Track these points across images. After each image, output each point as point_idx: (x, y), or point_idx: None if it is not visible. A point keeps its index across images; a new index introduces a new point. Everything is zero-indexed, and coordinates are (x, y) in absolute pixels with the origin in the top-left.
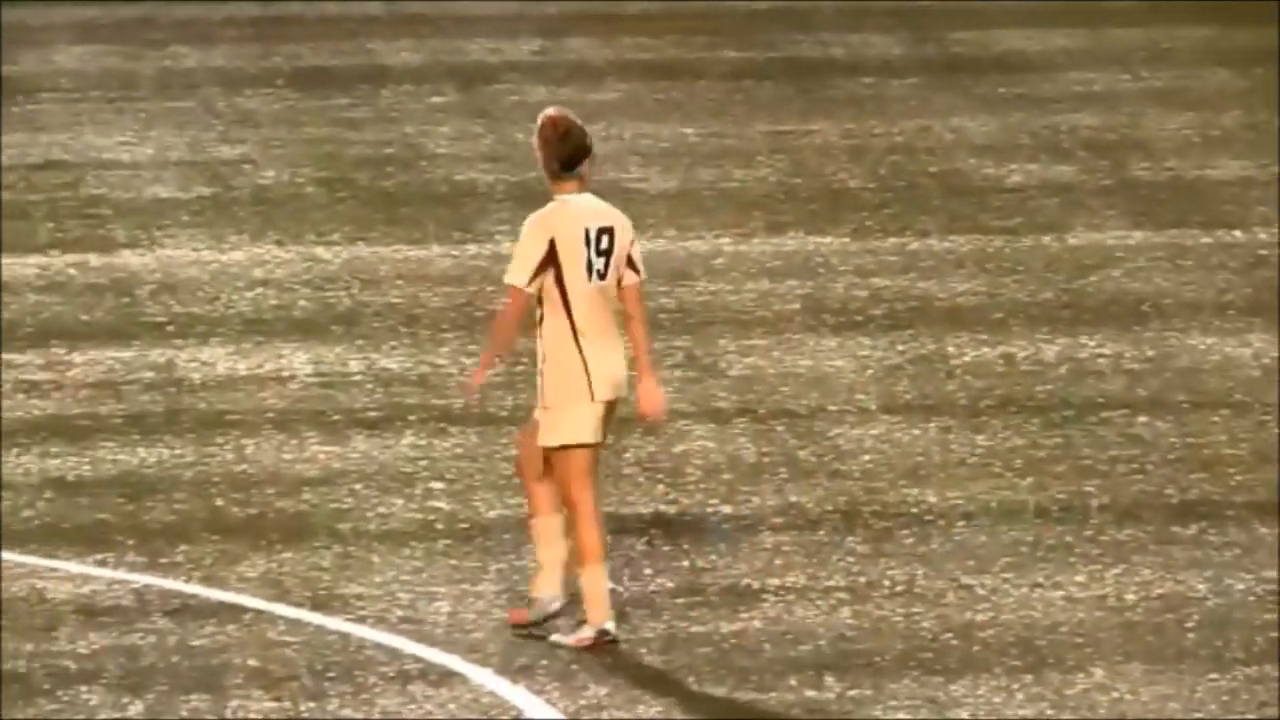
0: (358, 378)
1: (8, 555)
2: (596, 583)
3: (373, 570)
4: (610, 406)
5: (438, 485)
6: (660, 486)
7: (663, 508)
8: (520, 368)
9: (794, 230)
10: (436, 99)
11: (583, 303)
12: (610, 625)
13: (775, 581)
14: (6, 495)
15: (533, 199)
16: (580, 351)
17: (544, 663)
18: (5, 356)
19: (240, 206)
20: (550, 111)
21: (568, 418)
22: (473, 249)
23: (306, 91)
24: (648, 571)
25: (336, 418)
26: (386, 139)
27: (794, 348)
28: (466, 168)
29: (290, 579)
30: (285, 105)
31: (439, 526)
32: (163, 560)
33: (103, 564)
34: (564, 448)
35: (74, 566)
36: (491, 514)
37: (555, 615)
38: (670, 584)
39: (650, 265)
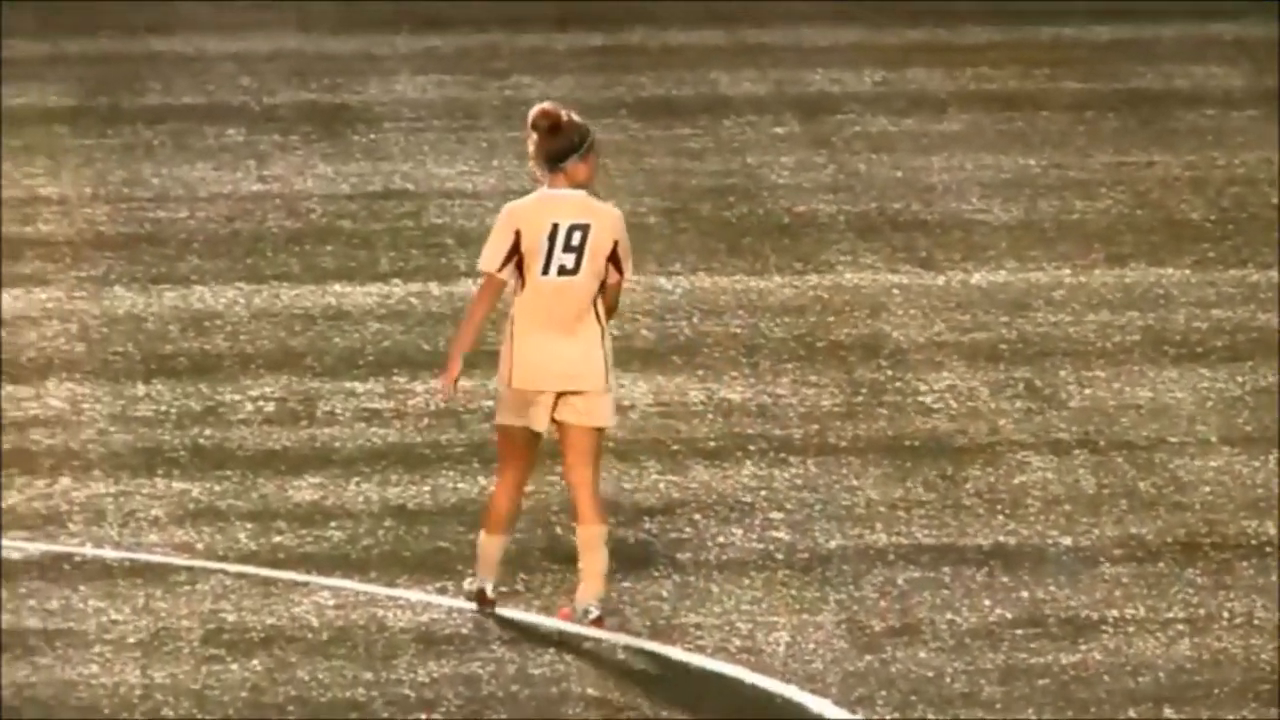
0: (698, 407)
1: (348, 584)
2: (491, 551)
3: (711, 600)
4: (551, 396)
5: (777, 515)
6: (1000, 517)
7: (1002, 539)
8: (858, 399)
9: (1135, 262)
10: (778, 129)
11: (534, 295)
12: (487, 585)
13: (1114, 613)
14: (347, 524)
15: (875, 230)
16: (511, 339)
17: (883, 693)
18: (346, 385)
19: None
20: (544, 104)
21: (501, 399)
22: (813, 279)
23: (648, 121)
24: (987, 603)
25: (676, 448)
26: (728, 169)
27: (1134, 379)
28: (808, 198)
29: (629, 608)
30: (627, 135)
31: (778, 556)
32: (502, 589)
33: (442, 592)
34: (499, 425)
35: (414, 595)
36: (831, 544)
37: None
38: (1009, 615)
39: (990, 296)
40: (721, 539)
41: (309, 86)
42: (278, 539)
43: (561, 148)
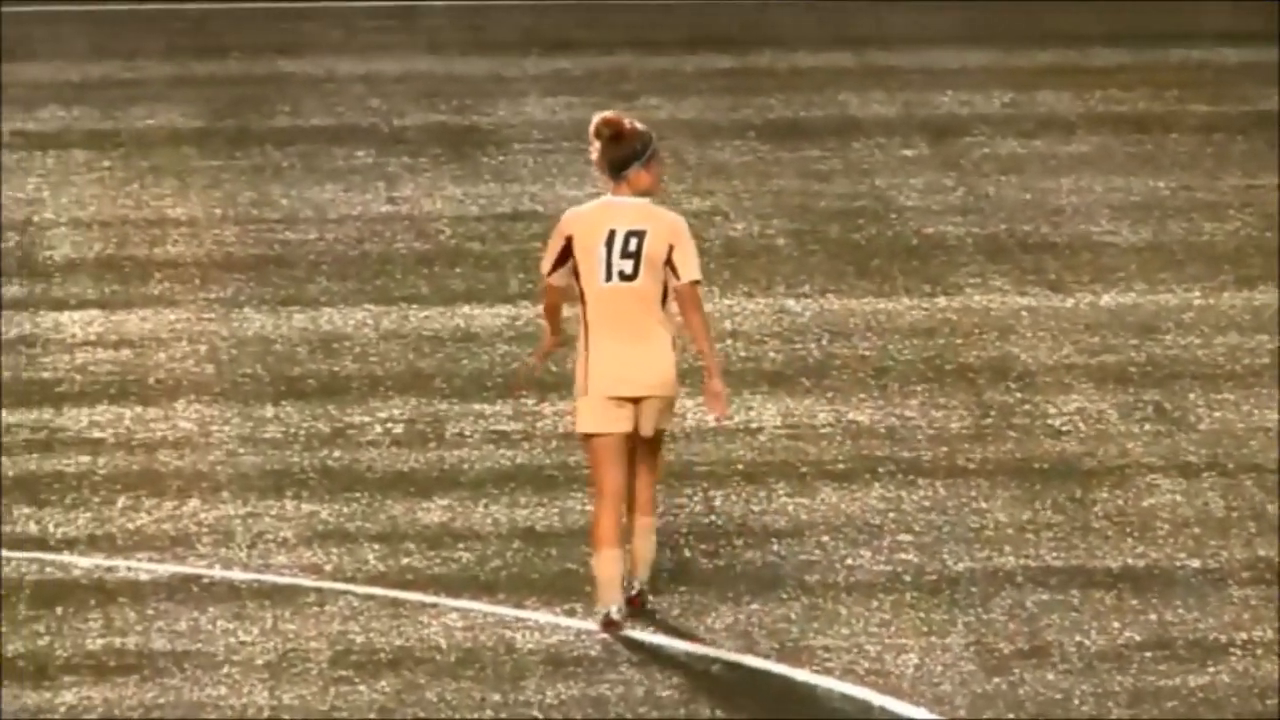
0: (826, 430)
1: (476, 605)
2: (607, 567)
3: (840, 622)
4: (635, 401)
5: (905, 537)
6: (1128, 540)
7: (1131, 561)
8: (987, 421)
9: (1264, 284)
10: (907, 151)
11: (598, 302)
12: (614, 609)
13: (1243, 635)
14: (475, 545)
15: (1004, 252)
16: (585, 349)
17: (1010, 716)
18: (475, 406)
19: (710, 258)
20: (607, 113)
21: (580, 408)
22: (942, 301)
23: (777, 143)
24: (1115, 625)
25: (805, 469)
26: (857, 191)
27: (1263, 401)
28: (936, 220)
29: (758, 630)
30: (756, 157)
31: (906, 579)
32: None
33: (570, 614)
34: (585, 435)
35: (542, 616)
36: (960, 566)
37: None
38: (1138, 637)
39: (1119, 318)
40: (850, 561)
41: (438, 108)
42: (406, 560)
43: (624, 155)
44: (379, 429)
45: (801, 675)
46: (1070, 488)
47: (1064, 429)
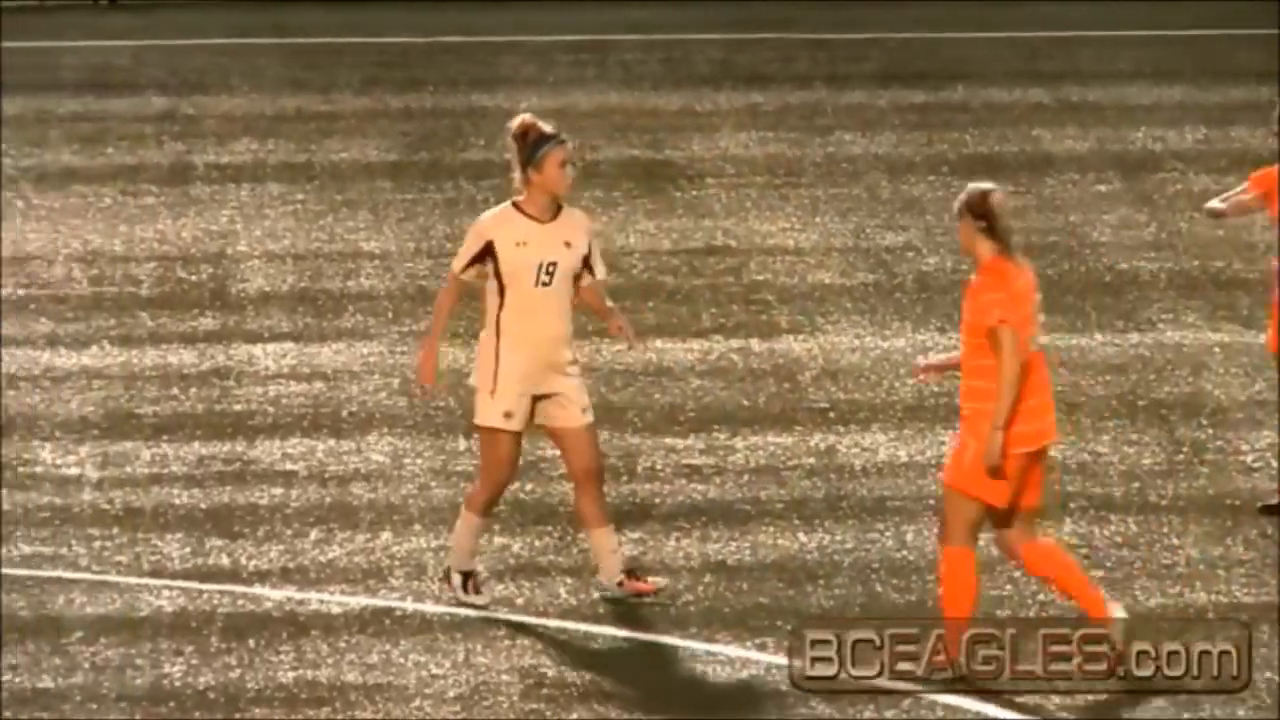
0: None
1: (667, 639)
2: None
3: (1031, 658)
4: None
5: (1097, 573)
6: None
7: None
8: (1179, 457)
9: None
10: (1100, 187)
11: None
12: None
13: None
14: (668, 578)
15: (1196, 288)
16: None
17: None
18: (666, 440)
19: (903, 293)
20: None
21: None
22: (1134, 337)
23: (971, 179)
24: None
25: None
26: (1050, 226)
27: None
28: (1129, 256)
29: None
30: (949, 192)
31: None
32: (814, 641)
33: (761, 648)
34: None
35: (733, 650)
36: (1151, 602)
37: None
38: None
39: None
40: (1042, 596)
41: (631, 142)
42: (597, 594)
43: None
44: None
45: (990, 710)
46: (1262, 524)
47: (1256, 465)
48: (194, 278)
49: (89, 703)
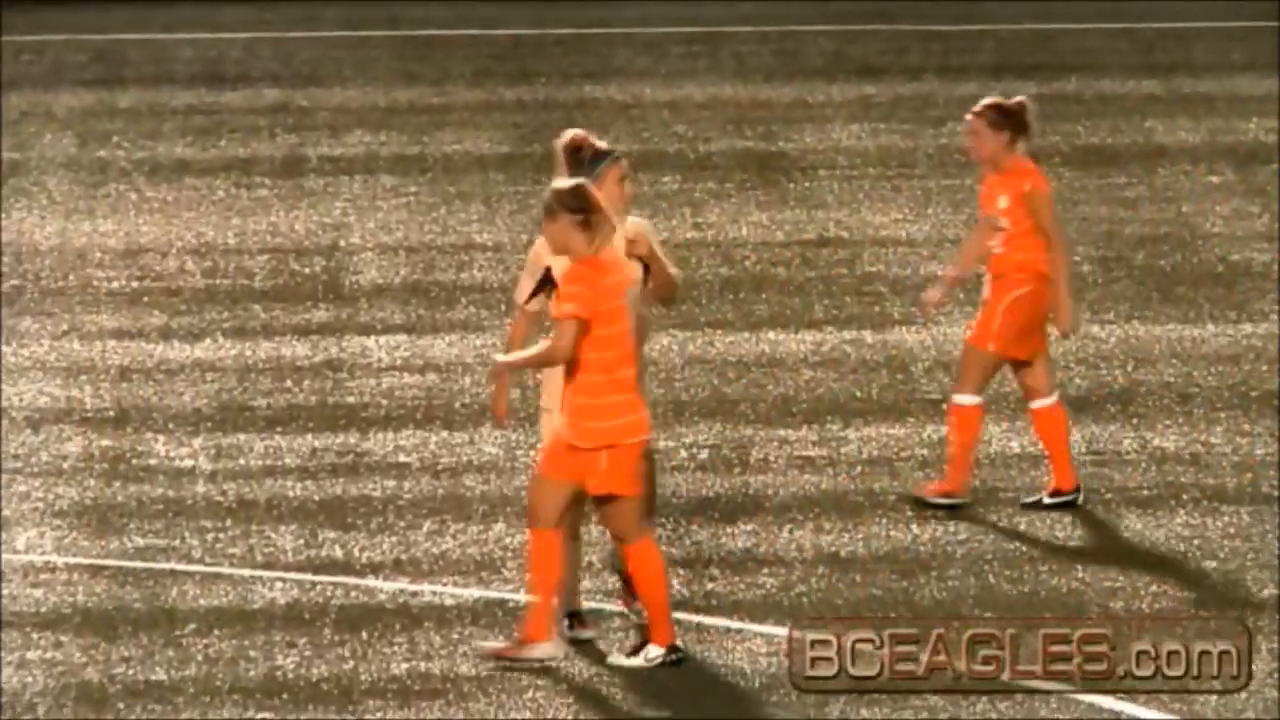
0: (1131, 456)
1: (780, 631)
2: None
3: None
4: None
5: (1210, 564)
6: None
7: None
8: None
9: None
10: (1213, 178)
11: None
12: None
13: None
14: (780, 571)
15: None
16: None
17: None
18: (780, 432)
19: None
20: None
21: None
22: (1247, 328)
23: (1083, 170)
24: None
25: (1109, 495)
26: (1163, 218)
27: None
28: (1242, 247)
29: (1075, 656)
30: (1062, 184)
31: (1211, 606)
32: (937, 633)
33: (872, 642)
34: None
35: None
36: (1265, 593)
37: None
38: None
39: None
40: (1154, 588)
41: (744, 134)
42: (710, 585)
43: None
44: (684, 454)
45: (1106, 702)
46: None
47: None
48: (307, 270)
49: (202, 695)
